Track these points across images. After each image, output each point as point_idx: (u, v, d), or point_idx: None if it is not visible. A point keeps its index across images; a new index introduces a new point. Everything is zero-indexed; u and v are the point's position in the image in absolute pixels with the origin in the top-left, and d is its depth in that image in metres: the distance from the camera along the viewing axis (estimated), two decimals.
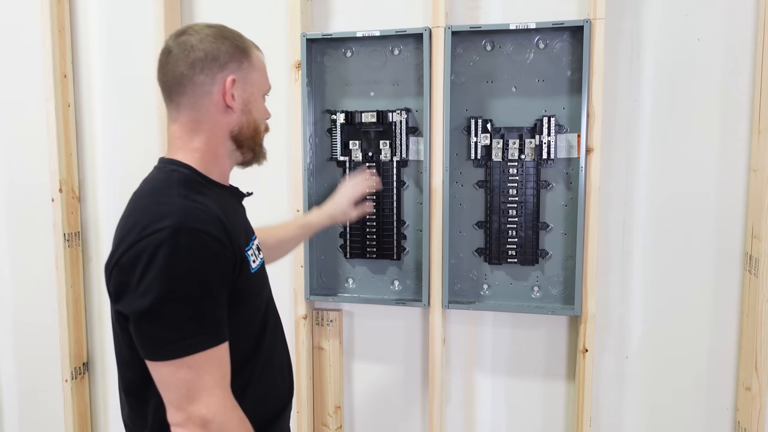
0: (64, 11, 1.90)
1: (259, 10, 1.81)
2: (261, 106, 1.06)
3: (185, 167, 0.99)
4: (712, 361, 1.64)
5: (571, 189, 1.62)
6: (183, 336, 0.85)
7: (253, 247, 1.04)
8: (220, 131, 1.01)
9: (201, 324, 0.86)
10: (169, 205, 0.90)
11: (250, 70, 1.02)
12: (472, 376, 1.79)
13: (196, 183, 0.97)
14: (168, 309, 0.84)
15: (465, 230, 1.71)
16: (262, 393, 1.03)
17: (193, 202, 0.91)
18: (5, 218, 2.08)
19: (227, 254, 0.90)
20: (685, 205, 1.61)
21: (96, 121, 1.96)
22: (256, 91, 1.04)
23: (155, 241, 0.85)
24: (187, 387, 0.85)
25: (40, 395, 2.12)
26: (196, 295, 0.85)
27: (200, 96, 0.98)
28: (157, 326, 0.85)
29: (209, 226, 0.88)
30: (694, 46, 1.57)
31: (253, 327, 1.02)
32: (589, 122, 1.54)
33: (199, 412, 0.85)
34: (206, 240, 0.87)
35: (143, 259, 0.84)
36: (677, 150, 1.60)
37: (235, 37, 1.02)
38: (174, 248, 0.84)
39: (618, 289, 1.67)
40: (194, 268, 0.85)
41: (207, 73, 0.97)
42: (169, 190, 0.94)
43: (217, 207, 0.94)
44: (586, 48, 1.52)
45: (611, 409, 1.72)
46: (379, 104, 1.71)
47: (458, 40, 1.64)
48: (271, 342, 1.07)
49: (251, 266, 0.99)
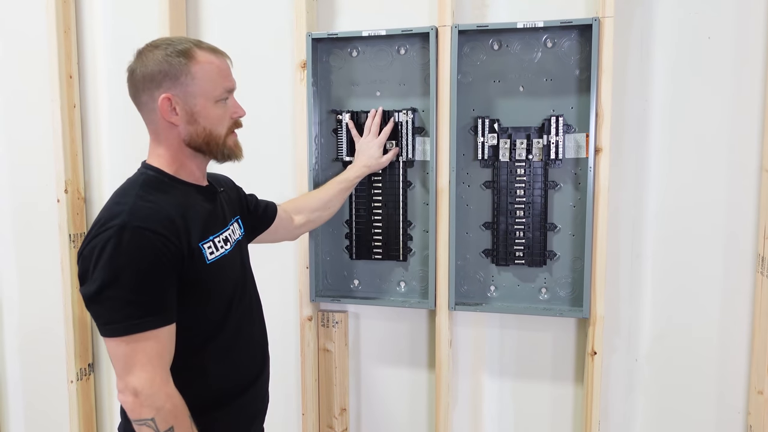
0: (70, 12, 1.90)
1: (264, 10, 1.81)
2: (211, 113, 1.12)
3: (153, 170, 1.13)
4: (723, 363, 1.62)
5: (579, 189, 1.61)
6: (121, 318, 1.00)
7: (216, 239, 1.15)
8: (175, 141, 1.12)
9: (138, 308, 1.00)
10: (124, 205, 1.04)
11: (189, 83, 1.09)
12: (479, 379, 1.78)
13: (159, 183, 1.11)
14: (110, 294, 0.99)
15: (472, 231, 1.69)
16: (225, 369, 1.17)
17: (147, 202, 1.05)
18: (11, 219, 2.08)
19: (171, 248, 1.03)
20: (695, 205, 1.59)
21: (101, 122, 1.96)
22: (200, 101, 1.10)
23: (106, 237, 1.00)
24: (124, 360, 1.01)
25: (46, 396, 2.12)
26: (134, 283, 0.99)
27: (149, 113, 1.12)
28: (102, 309, 1.01)
29: (153, 224, 1.02)
30: (705, 45, 1.55)
31: (215, 310, 1.15)
32: (597, 122, 1.52)
33: (132, 383, 1.00)
34: (148, 236, 1.01)
35: (96, 252, 1.00)
36: (687, 150, 1.58)
37: (178, 54, 1.08)
38: (118, 243, 0.99)
39: (627, 290, 1.65)
40: (134, 260, 0.99)
41: (147, 93, 1.10)
42: (131, 190, 1.08)
43: (175, 204, 1.08)
44: (594, 47, 1.50)
45: (620, 412, 1.69)
46: (385, 104, 1.70)
47: (465, 40, 1.62)
48: (237, 324, 1.19)
49: (206, 257, 1.10)
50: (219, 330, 1.16)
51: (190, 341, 1.10)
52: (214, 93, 1.12)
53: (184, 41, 1.12)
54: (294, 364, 1.88)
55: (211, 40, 1.82)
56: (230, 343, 1.18)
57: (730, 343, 1.61)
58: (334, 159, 1.75)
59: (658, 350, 1.66)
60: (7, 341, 2.15)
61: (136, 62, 1.12)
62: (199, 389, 1.12)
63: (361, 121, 1.68)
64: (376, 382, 1.86)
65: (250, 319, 1.26)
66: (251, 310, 1.27)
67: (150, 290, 1.02)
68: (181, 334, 1.07)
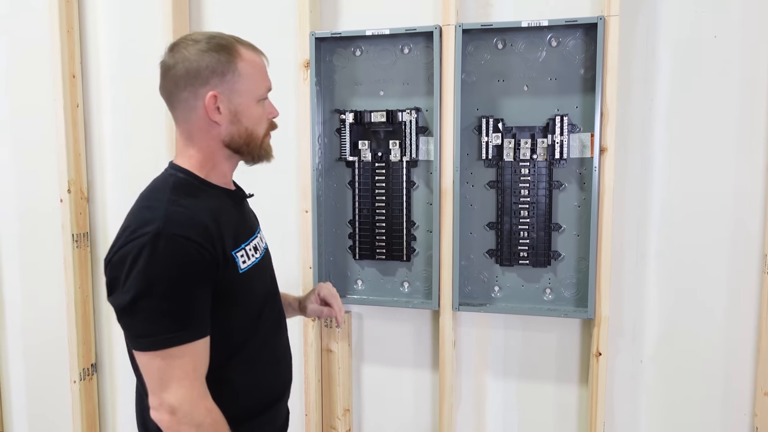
0: (73, 12, 1.90)
1: (268, 10, 1.80)
2: (254, 113, 1.07)
3: (183, 171, 1.06)
4: (729, 365, 1.61)
5: (584, 189, 1.60)
6: (157, 331, 0.94)
7: (247, 248, 1.09)
8: (213, 141, 1.06)
9: (175, 321, 0.95)
10: (156, 211, 0.98)
11: (235, 81, 1.03)
12: (483, 380, 1.77)
13: (190, 186, 1.05)
14: (145, 305, 0.93)
15: (476, 231, 1.69)
16: (250, 385, 1.11)
17: (180, 207, 0.99)
18: (15, 219, 2.08)
19: (206, 257, 0.97)
20: (701, 205, 1.58)
21: (104, 121, 1.96)
22: (245, 100, 1.05)
23: (139, 245, 0.94)
24: (159, 376, 0.95)
25: (49, 396, 2.12)
26: (170, 294, 0.94)
27: (187, 111, 1.04)
28: (136, 320, 0.95)
29: (189, 232, 0.96)
30: (711, 44, 1.53)
31: (244, 322, 1.09)
32: (602, 121, 1.51)
33: (169, 400, 0.95)
34: (184, 244, 0.95)
35: (128, 260, 0.94)
36: (693, 149, 1.57)
37: (221, 49, 1.03)
38: (153, 251, 0.93)
39: (632, 291, 1.64)
40: (170, 269, 0.94)
41: (189, 90, 1.02)
42: (161, 194, 1.02)
43: (208, 210, 1.02)
44: (599, 46, 1.49)
45: (625, 413, 1.68)
46: (389, 104, 1.69)
47: (469, 39, 1.61)
48: (264, 336, 1.13)
49: (239, 266, 1.05)
50: (248, 342, 1.10)
51: (219, 354, 1.03)
52: (258, 92, 1.07)
53: (225, 36, 1.06)
54: (297, 365, 1.87)
55: None
56: (258, 355, 1.12)
57: (736, 344, 1.60)
58: (337, 158, 1.74)
59: (663, 351, 1.65)
60: (10, 341, 2.15)
61: (174, 57, 1.04)
62: (226, 404, 1.04)
63: (364, 121, 1.68)
64: (379, 382, 1.85)
65: (278, 332, 1.20)
66: (279, 321, 1.21)
67: (186, 301, 0.96)
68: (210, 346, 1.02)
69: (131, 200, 2.08)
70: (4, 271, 2.12)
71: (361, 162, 1.71)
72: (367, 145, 1.70)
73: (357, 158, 1.71)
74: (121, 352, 2.04)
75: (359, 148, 1.70)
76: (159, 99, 1.85)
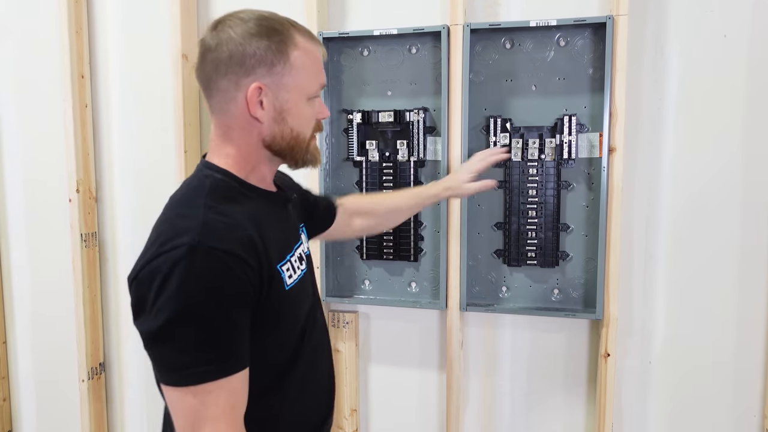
0: (82, 12, 1.91)
1: (275, 10, 1.79)
2: (302, 112, 0.92)
3: (220, 172, 0.91)
4: (739, 365, 1.60)
5: (592, 189, 1.59)
6: (192, 362, 0.79)
7: (292, 259, 0.95)
8: (252, 139, 0.91)
9: (213, 350, 0.80)
10: (192, 219, 0.82)
11: (285, 74, 0.88)
12: (491, 380, 1.76)
13: (230, 189, 0.90)
14: (179, 332, 0.78)
15: (483, 231, 1.68)
16: (298, 412, 0.98)
17: (219, 215, 0.84)
18: (23, 218, 2.09)
19: (250, 275, 0.82)
20: (710, 205, 1.57)
21: (113, 121, 1.97)
22: (294, 96, 0.90)
23: (172, 259, 0.79)
24: (192, 416, 0.80)
25: (57, 395, 2.13)
26: (209, 318, 0.79)
27: (226, 102, 0.89)
28: (167, 349, 0.80)
29: (230, 244, 0.81)
30: (720, 43, 1.52)
31: (289, 344, 0.95)
32: (611, 121, 1.51)
33: None
34: (225, 260, 0.80)
35: (158, 278, 0.79)
36: (702, 149, 1.56)
37: (273, 33, 0.88)
38: (189, 268, 0.78)
39: (641, 291, 1.63)
40: (210, 289, 0.78)
41: (231, 78, 0.87)
42: (197, 199, 0.86)
43: (251, 217, 0.87)
44: (608, 45, 1.48)
45: (634, 415, 1.68)
46: (397, 104, 1.69)
47: (477, 38, 1.61)
48: (310, 357, 1.00)
49: (285, 283, 0.90)
50: (291, 369, 0.95)
51: (257, 382, 0.88)
52: (310, 88, 0.92)
53: (279, 18, 0.90)
54: None
55: None
56: (301, 381, 0.97)
57: (745, 344, 1.58)
58: (344, 159, 1.74)
59: (672, 352, 1.64)
60: (19, 340, 2.16)
61: (217, 36, 0.88)
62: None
63: (372, 121, 1.67)
64: (386, 382, 1.85)
65: (322, 351, 1.05)
66: (322, 339, 1.06)
67: (226, 327, 0.80)
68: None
69: (139, 199, 2.08)
70: (13, 270, 2.13)
71: (368, 162, 1.71)
72: (374, 145, 1.70)
73: (364, 158, 1.71)
74: (129, 350, 2.05)
75: (367, 148, 1.70)
76: (168, 99, 1.88)
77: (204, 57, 0.89)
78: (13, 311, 2.15)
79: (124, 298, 2.03)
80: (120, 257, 2.01)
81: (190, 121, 1.82)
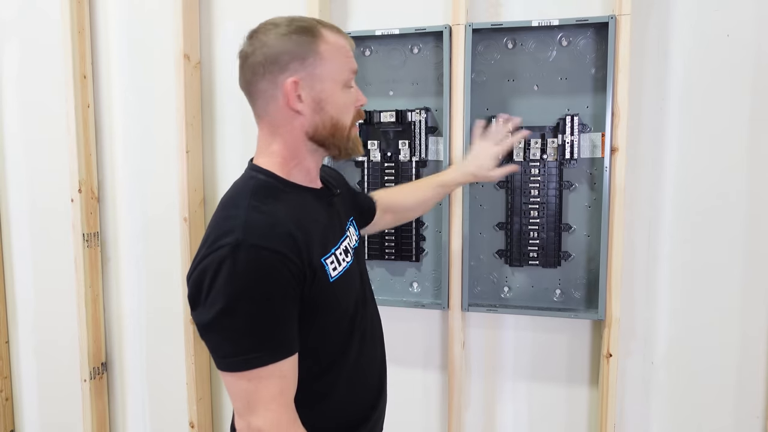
0: (84, 12, 1.91)
1: (278, 10, 1.79)
2: (339, 99, 0.98)
3: (264, 173, 0.98)
4: (742, 367, 1.59)
5: (594, 190, 1.59)
6: (241, 350, 0.87)
7: (337, 251, 1.00)
8: (296, 134, 0.97)
9: (260, 340, 0.87)
10: (236, 219, 0.90)
11: (317, 65, 0.94)
12: (493, 381, 1.76)
13: (273, 189, 0.96)
14: (227, 324, 0.87)
15: (485, 232, 1.68)
16: (347, 399, 1.04)
17: (262, 214, 0.91)
18: (26, 218, 2.09)
19: (292, 269, 0.89)
20: (713, 206, 1.57)
21: (115, 121, 1.97)
22: (329, 85, 0.96)
23: (218, 258, 0.86)
24: (246, 398, 0.89)
25: (60, 395, 2.13)
26: (254, 311, 0.86)
27: (268, 102, 0.96)
28: (219, 339, 0.89)
29: (272, 242, 0.87)
30: (723, 43, 1.52)
31: (338, 332, 1.01)
32: (614, 121, 1.50)
33: (256, 424, 0.89)
34: (267, 256, 0.87)
35: (208, 275, 0.87)
36: (705, 149, 1.56)
37: (302, 31, 0.94)
38: (233, 265, 0.85)
39: (643, 292, 1.63)
40: (253, 284, 0.86)
41: (268, 78, 0.94)
42: (242, 200, 0.93)
43: (292, 214, 0.93)
44: (611, 45, 1.48)
45: (636, 416, 1.67)
46: (398, 103, 1.69)
47: (479, 38, 1.61)
48: (359, 346, 1.05)
49: (329, 275, 0.96)
50: (341, 356, 1.02)
51: (309, 370, 0.97)
52: (342, 76, 0.97)
53: (306, 19, 0.97)
54: None
55: (225, 41, 1.85)
56: (352, 369, 1.04)
57: (748, 346, 1.58)
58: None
59: (674, 353, 1.63)
60: (22, 340, 2.16)
61: (252, 44, 0.96)
62: (318, 424, 0.98)
63: (374, 121, 1.67)
64: (388, 382, 1.84)
65: (372, 340, 1.11)
66: (373, 328, 1.12)
67: (272, 318, 0.88)
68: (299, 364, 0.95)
69: (141, 199, 2.08)
70: (16, 270, 2.13)
71: (370, 162, 1.71)
72: (376, 145, 1.69)
73: (366, 158, 1.71)
74: (131, 350, 2.05)
75: (369, 148, 1.70)
76: (169, 99, 1.88)
77: (243, 65, 0.97)
78: (15, 311, 2.16)
79: (125, 298, 2.03)
80: (122, 257, 2.01)
81: (191, 122, 1.82)
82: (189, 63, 1.80)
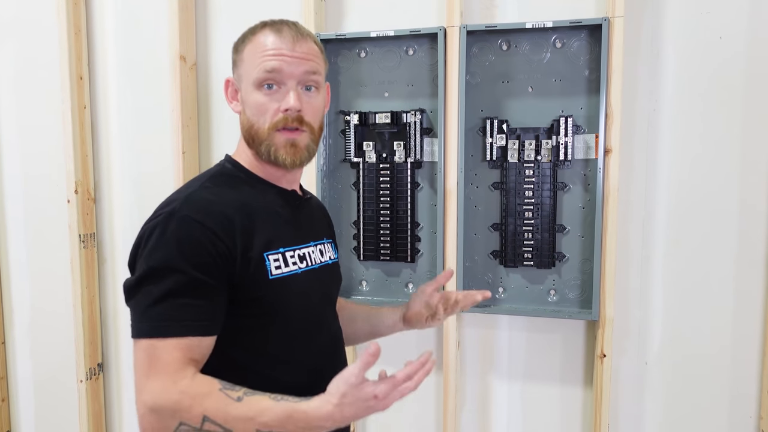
0: (81, 13, 1.91)
1: (273, 11, 1.79)
2: (251, 100, 0.95)
3: (232, 162, 1.02)
4: (735, 367, 1.60)
5: (588, 191, 1.59)
6: (153, 317, 0.84)
7: (287, 254, 0.96)
8: (242, 131, 1.01)
9: (173, 309, 0.84)
10: (180, 193, 0.93)
11: (240, 65, 0.98)
12: (487, 381, 1.77)
13: (231, 177, 0.98)
14: (146, 289, 0.85)
15: (480, 232, 1.69)
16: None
17: (207, 193, 0.92)
18: (22, 219, 2.09)
19: (220, 248, 0.87)
20: (706, 206, 1.57)
21: (111, 123, 1.97)
22: (245, 85, 0.96)
23: (153, 225, 0.88)
24: (142, 369, 0.84)
25: (56, 395, 2.13)
26: (174, 280, 0.84)
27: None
28: (134, 304, 0.87)
29: (205, 217, 0.88)
30: (716, 45, 1.53)
31: (279, 343, 0.95)
32: (607, 122, 1.51)
33: (146, 400, 0.82)
34: (195, 228, 0.86)
35: (142, 241, 0.88)
36: (698, 151, 1.57)
37: (247, 32, 0.99)
38: (162, 232, 0.86)
39: (637, 292, 1.64)
40: (177, 253, 0.85)
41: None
42: (197, 181, 0.96)
43: (242, 202, 0.93)
44: (604, 47, 1.49)
45: (630, 415, 1.68)
46: (394, 105, 1.69)
47: (473, 40, 1.62)
48: (313, 366, 0.99)
49: (269, 271, 0.92)
50: (286, 373, 0.95)
51: (232, 357, 0.91)
52: (253, 76, 0.94)
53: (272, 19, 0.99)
54: None
55: (220, 41, 1.85)
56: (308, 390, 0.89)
57: (741, 346, 1.59)
58: (342, 160, 1.75)
59: (668, 353, 1.64)
60: (18, 340, 2.16)
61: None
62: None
63: (369, 122, 1.68)
64: None
65: (332, 365, 1.02)
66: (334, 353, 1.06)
67: (189, 290, 0.84)
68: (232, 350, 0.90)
69: (138, 200, 2.09)
70: (12, 271, 2.13)
71: (365, 163, 1.72)
72: (371, 147, 1.70)
73: (361, 159, 1.72)
74: (128, 351, 2.05)
75: (364, 149, 1.70)
76: (165, 100, 1.88)
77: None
78: (12, 312, 2.16)
79: (122, 299, 2.02)
80: (118, 258, 2.01)
81: (187, 123, 1.82)
82: (185, 64, 1.80)
